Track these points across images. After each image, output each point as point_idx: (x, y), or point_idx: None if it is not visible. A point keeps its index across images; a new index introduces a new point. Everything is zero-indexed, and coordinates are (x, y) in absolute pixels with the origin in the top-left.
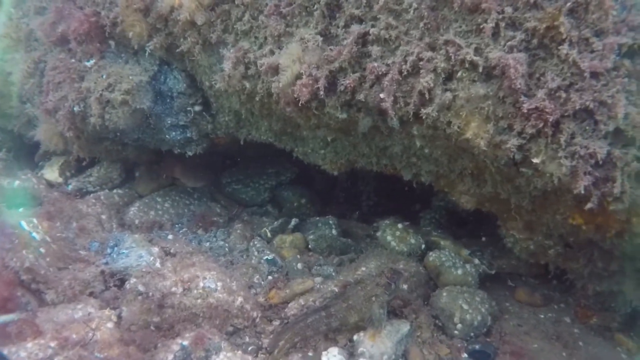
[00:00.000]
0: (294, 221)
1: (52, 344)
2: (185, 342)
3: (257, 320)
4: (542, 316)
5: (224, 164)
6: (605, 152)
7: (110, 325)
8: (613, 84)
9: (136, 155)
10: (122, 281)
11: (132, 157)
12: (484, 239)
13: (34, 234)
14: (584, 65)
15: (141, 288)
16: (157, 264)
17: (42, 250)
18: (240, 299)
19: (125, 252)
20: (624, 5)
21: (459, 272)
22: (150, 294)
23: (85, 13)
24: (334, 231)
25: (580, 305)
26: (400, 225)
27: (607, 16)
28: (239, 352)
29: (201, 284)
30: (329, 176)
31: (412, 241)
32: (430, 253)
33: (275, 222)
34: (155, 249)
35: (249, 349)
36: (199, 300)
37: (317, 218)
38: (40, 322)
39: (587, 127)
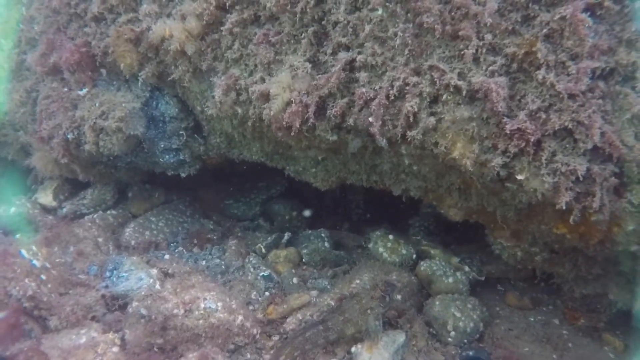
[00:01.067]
0: (286, 235)
1: None
2: None
3: (257, 336)
4: (531, 319)
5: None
6: (585, 168)
7: (115, 349)
8: (589, 105)
9: (129, 176)
10: (124, 304)
11: (124, 179)
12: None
13: (34, 261)
14: (560, 88)
15: (144, 311)
16: (157, 286)
17: (43, 277)
18: (240, 317)
19: (125, 275)
20: (596, 31)
21: (450, 280)
22: (153, 316)
23: (75, 44)
24: (326, 244)
25: (568, 307)
26: (391, 237)
27: (581, 41)
28: None
29: (202, 305)
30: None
31: (404, 252)
32: (422, 263)
33: (269, 238)
34: (154, 271)
35: None
36: (200, 321)
37: (309, 231)
38: (45, 348)
39: (567, 145)
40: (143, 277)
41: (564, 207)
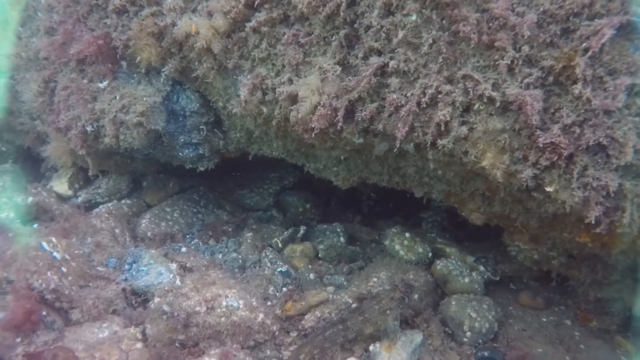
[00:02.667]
0: (302, 229)
1: None
2: None
3: (276, 333)
4: (544, 319)
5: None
6: (617, 184)
7: (139, 345)
8: (625, 122)
9: (144, 167)
10: (145, 300)
11: (140, 169)
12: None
13: (55, 254)
14: (596, 104)
15: (166, 308)
16: (177, 282)
17: (64, 269)
18: (261, 315)
19: (145, 269)
20: (637, 47)
21: (466, 280)
22: (176, 313)
23: (94, 35)
24: (342, 239)
25: (581, 309)
26: (407, 234)
27: (621, 57)
28: None
29: (224, 303)
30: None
31: (420, 250)
32: (438, 262)
33: (285, 232)
34: (173, 265)
35: None
36: (222, 319)
37: (325, 226)
38: (69, 341)
39: (600, 160)
40: (163, 271)
41: (593, 222)
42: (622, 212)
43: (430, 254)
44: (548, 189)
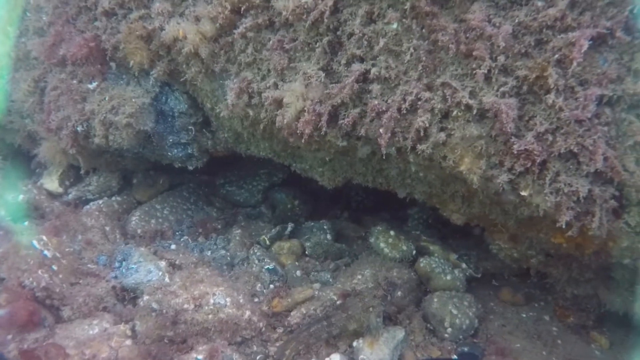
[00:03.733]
0: (290, 227)
1: None
2: (200, 356)
3: (263, 329)
4: (524, 315)
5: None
6: (587, 190)
7: (128, 342)
8: (594, 130)
9: (134, 164)
10: (134, 298)
11: (130, 167)
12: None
13: (46, 252)
14: (567, 113)
15: (155, 305)
16: (166, 279)
17: (55, 267)
18: (248, 312)
19: (134, 267)
20: (605, 59)
21: (448, 277)
22: (164, 310)
23: (85, 37)
24: (328, 236)
25: (559, 305)
26: (392, 233)
27: (591, 68)
28: None
29: (212, 300)
30: None
31: (404, 248)
32: (421, 259)
33: (273, 230)
34: (162, 263)
35: (258, 357)
36: (210, 316)
37: (312, 223)
38: (59, 338)
39: (571, 167)
40: (152, 269)
41: (564, 226)
42: (591, 217)
43: (414, 252)
44: (523, 193)
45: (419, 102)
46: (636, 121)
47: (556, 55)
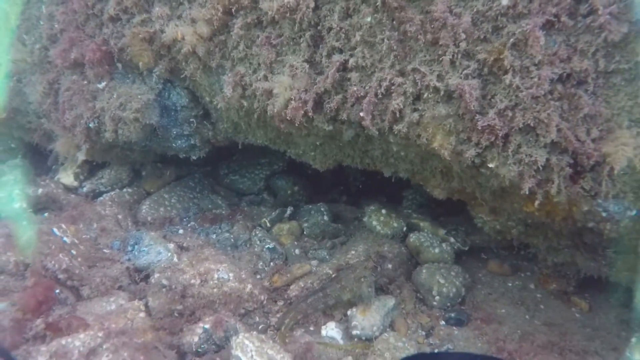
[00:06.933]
0: (289, 210)
1: (100, 334)
2: (207, 326)
3: (264, 302)
4: (510, 284)
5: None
6: (545, 159)
7: (142, 315)
8: (548, 105)
9: (143, 157)
10: (146, 276)
11: (139, 159)
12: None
13: (65, 238)
14: (524, 91)
15: (165, 282)
16: (175, 259)
17: (74, 252)
18: (249, 286)
19: (145, 249)
20: (555, 41)
21: (436, 250)
22: (173, 286)
23: (96, 42)
24: (325, 217)
25: (543, 273)
26: (384, 211)
27: (540, 50)
28: (254, 332)
29: (216, 275)
30: None
31: (395, 225)
32: (411, 234)
33: (273, 213)
34: (171, 245)
35: (260, 327)
36: (215, 290)
37: (310, 205)
38: (81, 314)
39: (531, 139)
40: (162, 251)
41: (527, 192)
42: (551, 184)
43: (404, 228)
44: (490, 165)
45: (393, 87)
46: (584, 95)
47: (511, 40)
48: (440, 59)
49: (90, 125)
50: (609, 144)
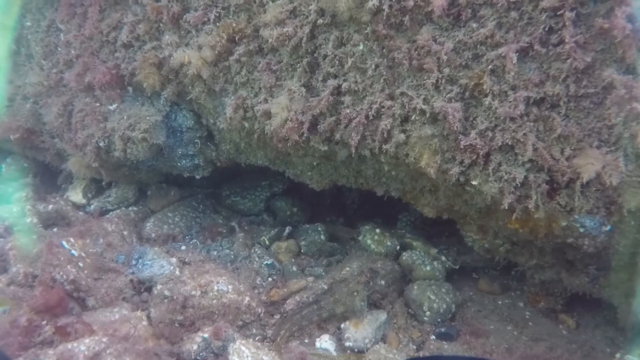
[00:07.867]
0: (287, 229)
1: (104, 339)
2: (206, 335)
3: (262, 315)
4: (500, 302)
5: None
6: (523, 176)
7: (144, 323)
8: (525, 126)
9: (149, 177)
10: (149, 287)
11: (145, 179)
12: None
13: (73, 251)
14: (502, 112)
15: (167, 293)
16: (177, 272)
17: (81, 264)
18: (247, 298)
19: (149, 263)
20: (530, 68)
21: (428, 268)
22: (175, 297)
23: (108, 67)
24: (322, 236)
25: (531, 292)
26: (378, 230)
27: (519, 75)
28: (251, 340)
29: (215, 287)
30: None
31: (389, 243)
32: (404, 253)
33: (272, 231)
34: (173, 259)
35: (256, 338)
36: (214, 301)
37: (307, 225)
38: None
39: (510, 158)
40: (164, 264)
41: (506, 207)
42: (530, 200)
43: (398, 247)
44: (473, 182)
45: (383, 109)
46: (557, 117)
47: (490, 66)
48: (425, 83)
49: (100, 144)
50: (580, 161)
